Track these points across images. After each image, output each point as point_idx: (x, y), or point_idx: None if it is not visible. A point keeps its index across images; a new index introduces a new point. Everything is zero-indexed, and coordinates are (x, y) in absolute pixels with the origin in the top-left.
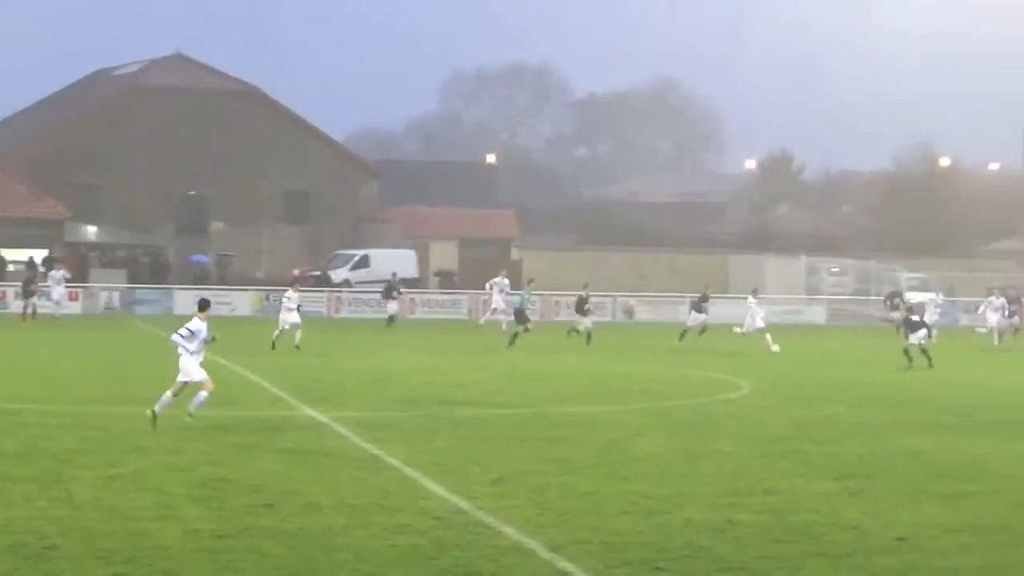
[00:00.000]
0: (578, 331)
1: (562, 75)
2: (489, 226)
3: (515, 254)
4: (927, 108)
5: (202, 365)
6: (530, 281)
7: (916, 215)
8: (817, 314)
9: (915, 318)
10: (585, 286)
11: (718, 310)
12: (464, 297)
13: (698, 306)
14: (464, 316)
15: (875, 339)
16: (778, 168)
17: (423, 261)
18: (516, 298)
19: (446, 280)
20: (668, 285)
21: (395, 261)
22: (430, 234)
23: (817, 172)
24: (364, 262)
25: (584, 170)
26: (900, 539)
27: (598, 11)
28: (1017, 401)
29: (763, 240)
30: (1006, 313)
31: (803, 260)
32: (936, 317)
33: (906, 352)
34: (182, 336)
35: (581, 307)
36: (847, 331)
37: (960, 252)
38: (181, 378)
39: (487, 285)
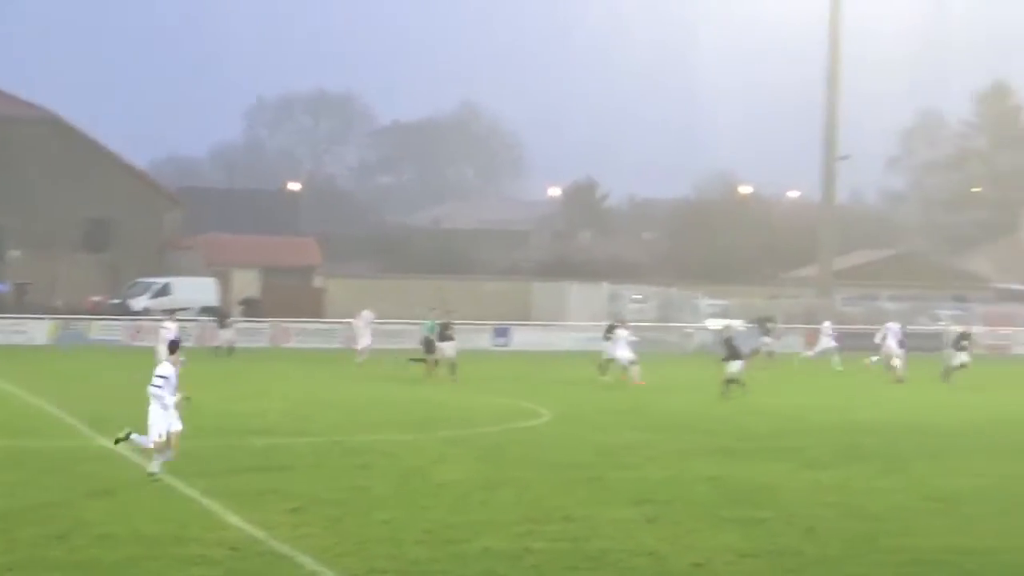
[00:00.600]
0: (434, 360)
1: (366, 102)
2: (292, 254)
3: (318, 282)
4: (726, 136)
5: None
6: (432, 309)
7: (717, 242)
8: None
9: (736, 347)
10: (448, 312)
11: (521, 337)
12: (266, 325)
13: (608, 336)
14: (266, 344)
15: (676, 365)
16: (581, 195)
17: (225, 289)
18: (425, 327)
19: (250, 308)
20: (471, 313)
21: (196, 289)
22: (232, 262)
23: (620, 199)
24: (165, 290)
25: (388, 197)
26: (696, 565)
27: (402, 38)
28: (811, 427)
29: (566, 267)
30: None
31: (605, 287)
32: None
33: (728, 382)
34: (158, 386)
35: (443, 334)
36: (649, 358)
37: (760, 279)
38: (156, 435)
39: (359, 316)
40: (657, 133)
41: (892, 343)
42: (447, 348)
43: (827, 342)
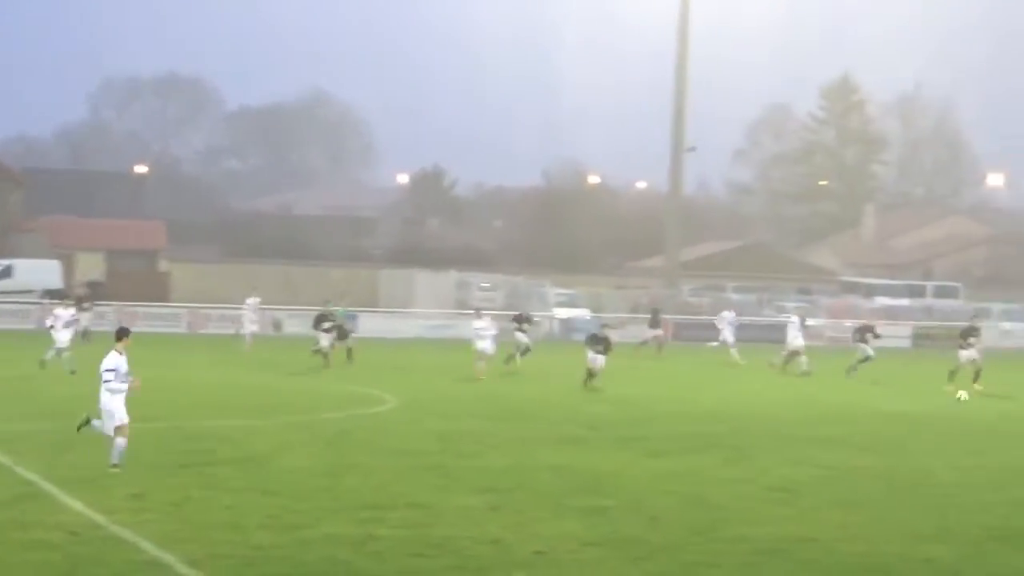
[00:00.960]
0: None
1: (216, 86)
2: (137, 237)
3: (163, 266)
4: (576, 126)
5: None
6: (343, 295)
7: (565, 231)
8: (467, 329)
9: (601, 336)
10: (327, 302)
11: (368, 324)
12: (110, 309)
13: (519, 327)
14: (109, 328)
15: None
16: (429, 182)
17: (69, 272)
18: (340, 313)
19: (94, 291)
20: (317, 299)
21: (40, 272)
22: (77, 245)
23: (469, 187)
24: (7, 272)
25: (237, 182)
26: (539, 553)
27: (252, 22)
28: (655, 416)
29: (414, 254)
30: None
31: (453, 275)
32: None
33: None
34: (108, 378)
35: (319, 324)
36: (498, 345)
37: (608, 269)
38: (113, 423)
39: (245, 303)
40: (508, 122)
41: (727, 333)
42: (323, 340)
43: (728, 333)
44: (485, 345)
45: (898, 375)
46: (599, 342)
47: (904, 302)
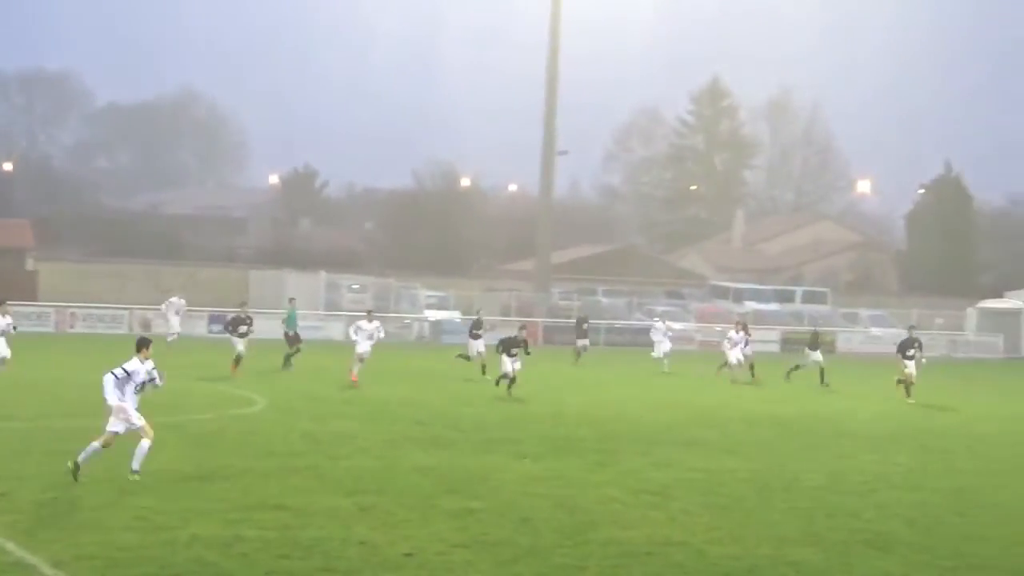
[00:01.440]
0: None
1: (85, 82)
2: (3, 236)
3: (30, 265)
4: (448, 129)
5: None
6: (291, 300)
7: (436, 233)
8: (337, 330)
9: (520, 338)
10: (243, 304)
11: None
12: None
13: (473, 333)
14: None
15: (393, 356)
16: (300, 183)
17: None
18: (288, 319)
19: None
20: (188, 299)
21: None
22: None
23: (340, 188)
24: None
25: (106, 181)
26: (408, 555)
27: (123, 19)
28: (525, 418)
29: (284, 255)
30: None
31: (323, 276)
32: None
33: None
34: (116, 376)
35: (236, 327)
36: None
37: (479, 271)
38: (116, 427)
39: (163, 305)
40: (380, 123)
41: (662, 342)
42: (239, 345)
43: (664, 343)
44: (366, 348)
45: (767, 379)
46: (516, 344)
47: (773, 307)
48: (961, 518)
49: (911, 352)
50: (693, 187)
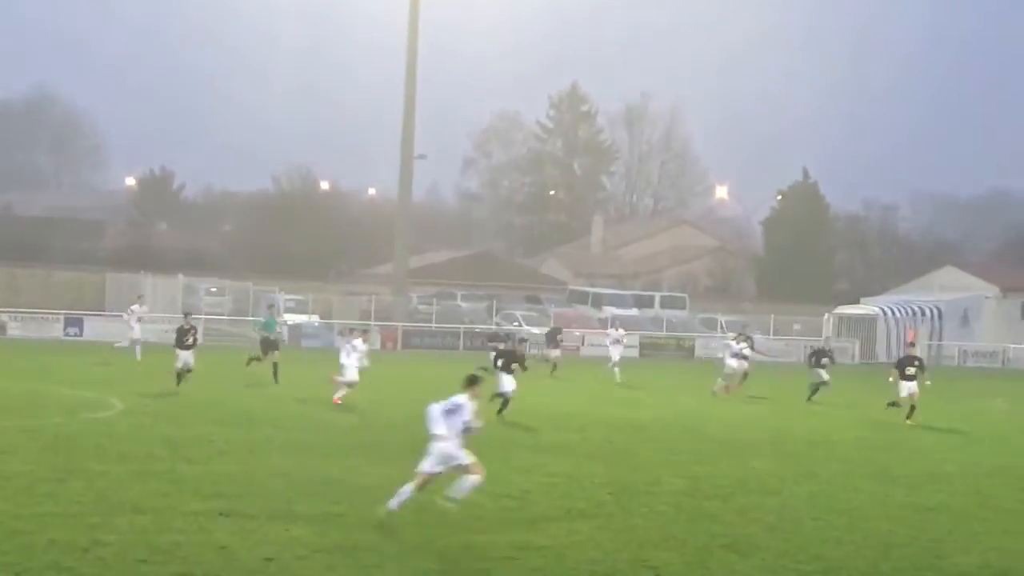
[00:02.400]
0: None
1: None
2: None
3: None
4: (306, 131)
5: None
6: (270, 306)
7: (295, 237)
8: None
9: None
10: (187, 314)
11: (94, 327)
12: None
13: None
14: None
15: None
16: (157, 185)
17: None
18: (266, 324)
19: None
20: (42, 301)
21: None
22: None
23: (198, 190)
24: None
25: None
26: (268, 559)
27: None
28: (387, 422)
29: (141, 258)
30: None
31: (180, 279)
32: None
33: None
34: (443, 408)
35: (181, 338)
36: (223, 351)
37: (337, 275)
38: (434, 468)
39: (127, 311)
40: (238, 126)
41: (613, 351)
42: (183, 356)
43: (616, 352)
44: (355, 377)
45: (627, 384)
46: (515, 359)
47: (632, 312)
48: (817, 522)
49: (911, 371)
50: (551, 192)
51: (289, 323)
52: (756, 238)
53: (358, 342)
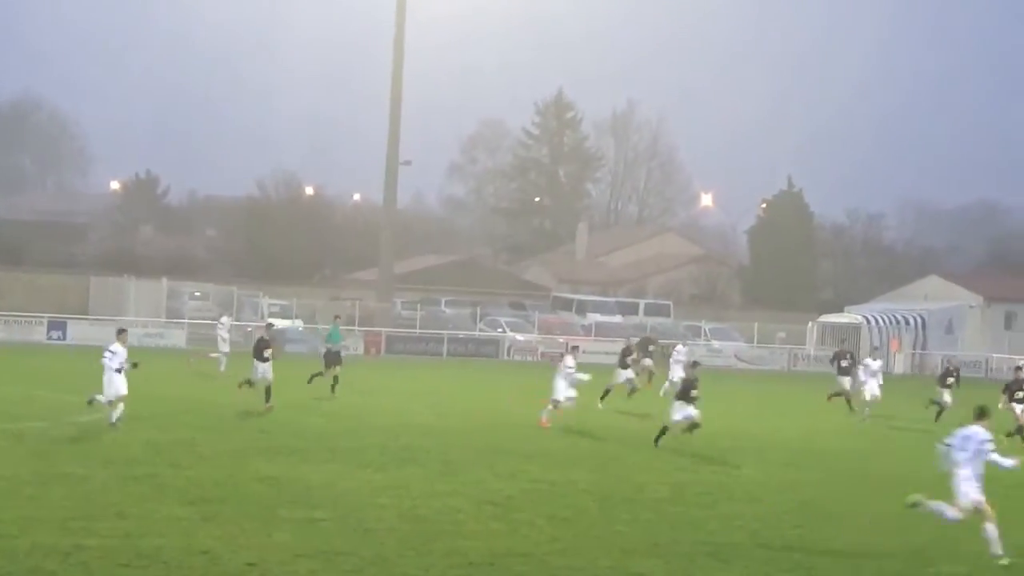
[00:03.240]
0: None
1: None
2: None
3: None
4: (292, 137)
5: None
6: (337, 317)
7: (280, 242)
8: (178, 337)
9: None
10: (269, 325)
11: (78, 331)
12: None
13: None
14: None
15: (236, 364)
16: (142, 189)
17: None
18: (331, 335)
19: None
20: (25, 305)
21: None
22: None
23: (183, 195)
24: None
25: None
26: (250, 564)
27: None
28: (368, 428)
29: (126, 262)
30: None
31: (165, 284)
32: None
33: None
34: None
35: (260, 351)
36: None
37: (322, 280)
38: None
39: (220, 322)
40: (224, 131)
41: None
42: (263, 368)
43: (678, 370)
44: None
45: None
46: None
47: (616, 319)
48: (801, 529)
49: (949, 381)
50: (537, 199)
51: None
52: (741, 246)
53: (568, 359)
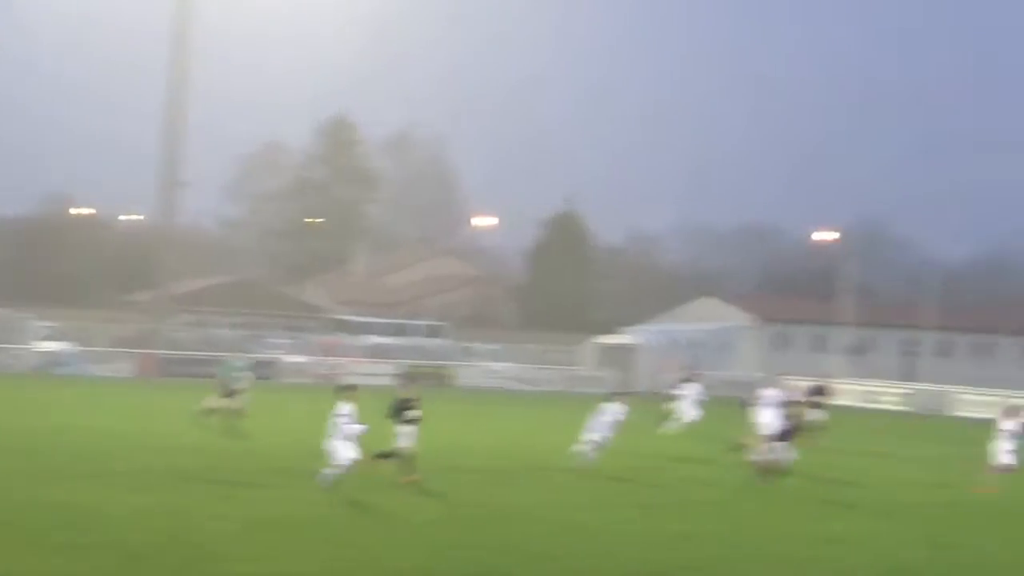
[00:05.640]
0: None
1: None
2: None
3: None
4: (64, 156)
5: None
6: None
7: (52, 263)
8: None
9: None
10: (408, 377)
11: None
12: None
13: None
14: None
15: (9, 387)
16: None
17: None
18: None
19: None
20: None
21: None
22: None
23: None
24: None
25: None
26: None
27: None
28: (136, 449)
29: None
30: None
31: None
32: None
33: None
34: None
35: (400, 412)
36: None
37: (95, 302)
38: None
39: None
40: None
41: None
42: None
43: (692, 410)
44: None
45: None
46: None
47: (392, 340)
48: (568, 550)
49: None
50: (311, 220)
51: (45, 350)
52: (518, 267)
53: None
